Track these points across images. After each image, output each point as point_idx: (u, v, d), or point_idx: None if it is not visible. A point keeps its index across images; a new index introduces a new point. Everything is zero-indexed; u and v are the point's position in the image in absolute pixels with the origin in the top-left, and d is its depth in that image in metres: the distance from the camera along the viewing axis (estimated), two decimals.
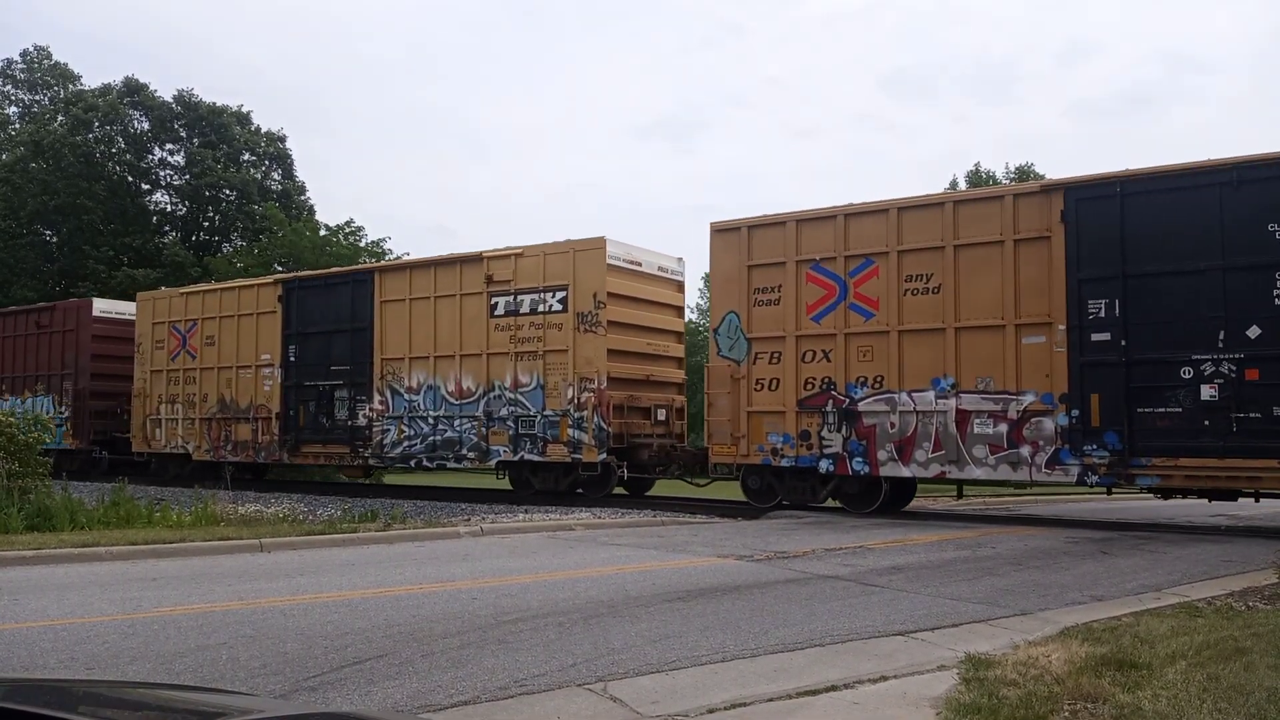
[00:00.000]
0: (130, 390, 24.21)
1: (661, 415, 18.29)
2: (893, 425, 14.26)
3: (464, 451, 18.11)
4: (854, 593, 8.05)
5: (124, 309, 25.16)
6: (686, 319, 23.47)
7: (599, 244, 17.06)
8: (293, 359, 20.41)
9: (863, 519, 14.35)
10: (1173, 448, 12.26)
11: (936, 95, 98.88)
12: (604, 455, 16.60)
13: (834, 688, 5.16)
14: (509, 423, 17.56)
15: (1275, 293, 11.79)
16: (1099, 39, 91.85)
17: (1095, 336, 12.83)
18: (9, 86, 43.26)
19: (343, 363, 19.70)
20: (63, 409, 24.44)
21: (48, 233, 36.87)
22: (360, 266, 19.51)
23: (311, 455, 20.45)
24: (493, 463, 17.96)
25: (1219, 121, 78.36)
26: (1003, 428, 13.41)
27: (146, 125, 37.10)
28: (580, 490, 17.26)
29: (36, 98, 43.05)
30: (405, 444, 18.83)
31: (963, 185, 38.53)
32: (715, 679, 5.34)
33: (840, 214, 14.77)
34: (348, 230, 35.85)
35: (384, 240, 36.79)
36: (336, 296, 20.01)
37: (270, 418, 20.59)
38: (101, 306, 25.26)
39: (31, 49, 43.49)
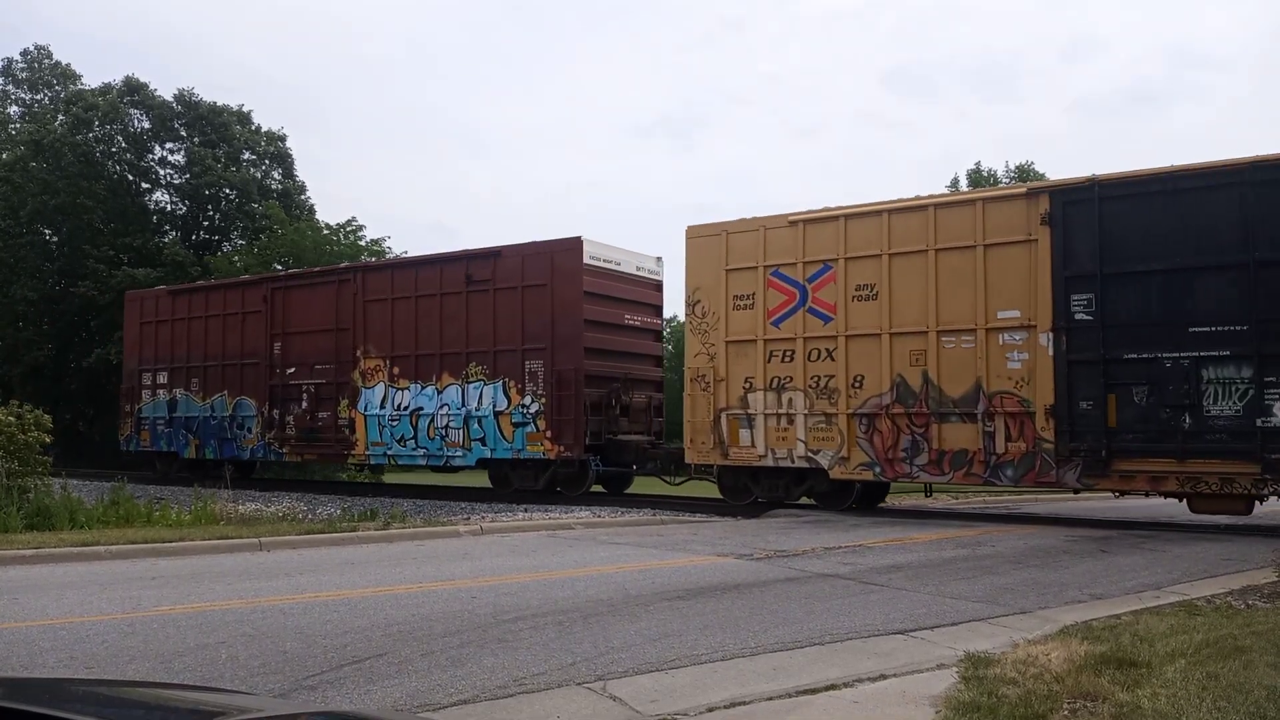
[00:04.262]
0: (627, 372, 18.00)
1: None
2: None
3: None
4: (853, 591, 8.05)
5: (610, 255, 18.10)
6: None
7: None
8: (1083, 315, 12.87)
9: (862, 517, 14.33)
10: None
11: (938, 92, 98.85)
12: None
13: (833, 686, 5.16)
14: None
15: None
16: (1102, 35, 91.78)
17: None
18: (10, 86, 43.27)
19: (1224, 319, 12.10)
20: (525, 399, 17.34)
21: (47, 232, 36.83)
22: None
23: (1143, 477, 12.73)
24: None
25: (1222, 120, 78.28)
26: None
27: (147, 124, 37.05)
28: None
29: (37, 97, 43.04)
30: None
31: (964, 184, 38.18)
32: (714, 678, 5.34)
33: None
34: (349, 229, 35.89)
35: (384, 239, 36.85)
36: (1200, 206, 12.38)
37: (1026, 413, 13.21)
38: (592, 251, 17.58)
39: (32, 48, 43.51)
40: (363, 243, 35.58)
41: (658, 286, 19.37)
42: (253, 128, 38.57)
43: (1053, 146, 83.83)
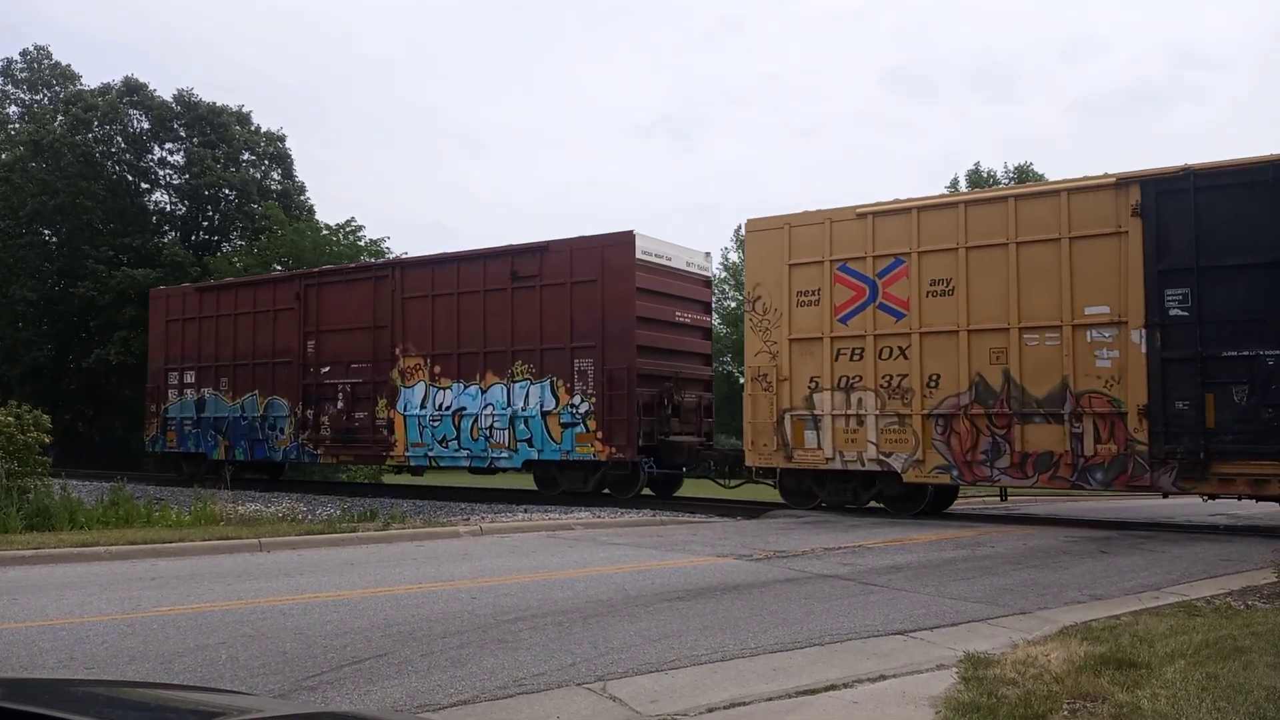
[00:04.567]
0: (678, 371, 17.41)
1: None
2: None
3: None
4: (853, 592, 8.05)
5: (661, 250, 17.59)
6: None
7: None
8: (1178, 311, 12.30)
9: (862, 518, 14.32)
10: None
11: (938, 92, 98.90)
12: None
13: (833, 687, 5.16)
14: None
15: None
16: (1102, 35, 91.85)
17: None
18: (9, 86, 43.30)
19: None
20: (575, 399, 16.85)
21: (47, 232, 36.84)
22: None
23: (1244, 480, 12.10)
24: None
25: (1222, 120, 78.36)
26: None
27: (146, 125, 37.05)
28: None
29: (37, 97, 43.06)
30: None
31: (964, 185, 38.33)
32: (714, 678, 5.34)
33: None
34: (348, 229, 35.89)
35: (384, 240, 36.83)
36: None
37: (1116, 414, 12.62)
38: (643, 246, 17.03)
39: (32, 49, 43.54)
40: (362, 243, 35.57)
41: (706, 282, 19.03)
42: (252, 128, 38.59)
43: (1053, 146, 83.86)
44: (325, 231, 35.24)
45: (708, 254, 19.01)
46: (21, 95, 43.30)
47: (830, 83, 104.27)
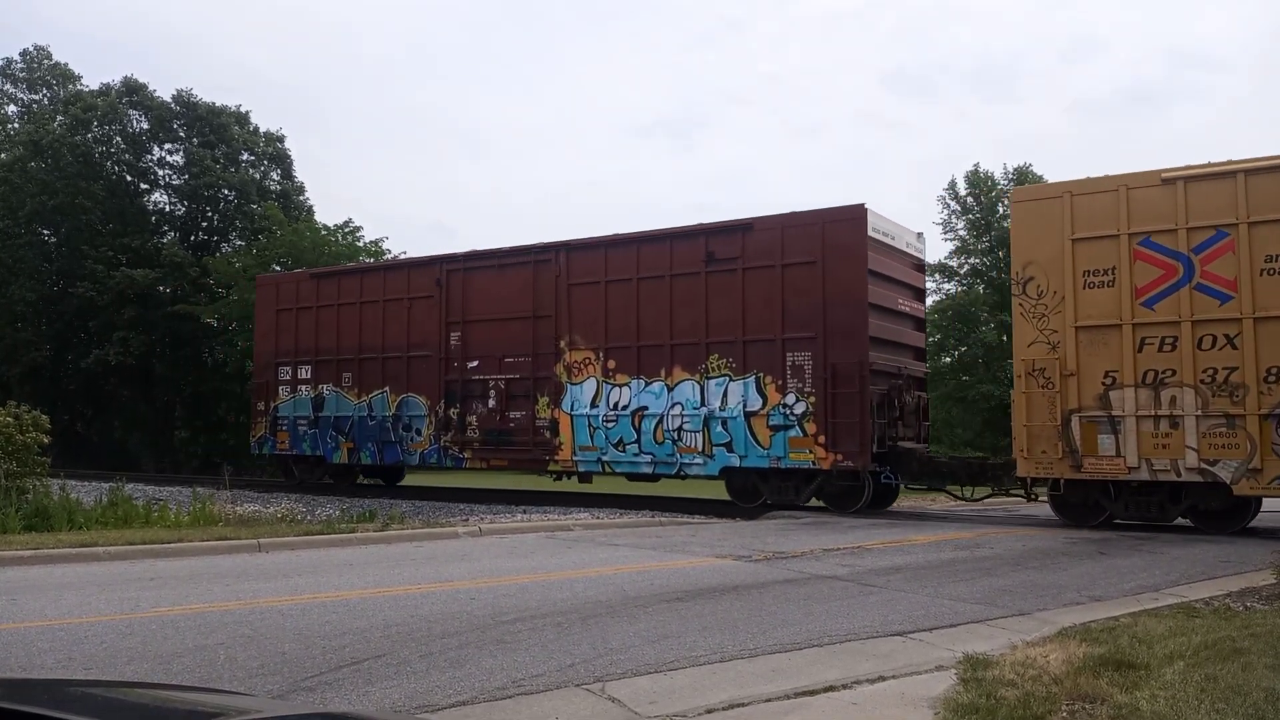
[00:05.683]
0: (903, 367, 15.53)
1: None
2: None
3: None
4: (852, 593, 8.05)
5: (887, 228, 15.62)
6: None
7: None
8: None
9: (861, 519, 14.31)
10: None
11: (938, 93, 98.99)
12: None
13: (832, 688, 5.16)
14: None
15: None
16: (1101, 36, 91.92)
17: None
18: (9, 86, 43.31)
19: None
20: (788, 398, 14.86)
21: (46, 232, 36.87)
22: None
23: None
24: None
25: (1222, 120, 78.41)
26: None
27: (145, 125, 37.09)
28: None
29: (36, 97, 43.07)
30: None
31: (963, 187, 37.81)
32: (713, 679, 5.33)
33: None
34: (346, 230, 35.91)
35: (382, 240, 36.84)
36: None
37: None
38: (874, 223, 15.09)
39: (31, 49, 43.58)
40: (360, 244, 35.62)
41: (920, 266, 17.16)
42: (251, 128, 38.62)
43: (1052, 147, 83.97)
44: (324, 232, 35.27)
45: (920, 234, 17.25)
46: (21, 95, 43.32)
47: (830, 83, 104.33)
